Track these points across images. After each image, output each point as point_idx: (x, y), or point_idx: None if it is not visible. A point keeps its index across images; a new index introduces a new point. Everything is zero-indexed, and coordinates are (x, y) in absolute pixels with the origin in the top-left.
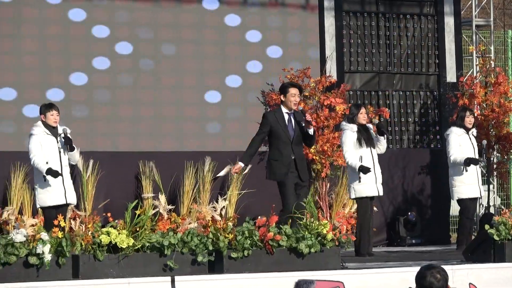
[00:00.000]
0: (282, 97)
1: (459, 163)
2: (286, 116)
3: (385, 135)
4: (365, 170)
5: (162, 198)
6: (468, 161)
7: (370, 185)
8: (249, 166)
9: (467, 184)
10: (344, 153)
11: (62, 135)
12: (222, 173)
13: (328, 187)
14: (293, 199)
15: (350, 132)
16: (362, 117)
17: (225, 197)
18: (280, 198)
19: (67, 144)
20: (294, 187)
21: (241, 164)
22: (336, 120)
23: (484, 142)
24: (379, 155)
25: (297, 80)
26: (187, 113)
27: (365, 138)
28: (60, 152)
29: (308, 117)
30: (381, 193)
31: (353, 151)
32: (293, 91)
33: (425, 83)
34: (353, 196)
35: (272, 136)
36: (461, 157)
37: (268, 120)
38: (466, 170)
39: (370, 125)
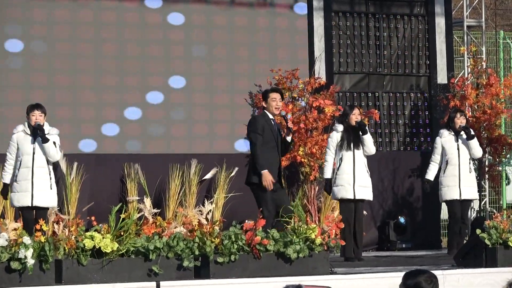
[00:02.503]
0: (264, 103)
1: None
2: (271, 122)
3: (366, 132)
4: (326, 187)
5: (148, 201)
6: (426, 181)
7: (346, 187)
8: (236, 168)
9: (449, 186)
10: (325, 152)
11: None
12: (208, 176)
13: (316, 190)
14: (273, 208)
15: (335, 133)
16: (354, 117)
17: (211, 200)
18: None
19: (38, 135)
20: (274, 193)
21: (267, 172)
22: (325, 122)
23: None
24: (369, 157)
25: (285, 82)
26: (174, 115)
27: (348, 139)
28: (34, 153)
29: (290, 124)
30: (359, 197)
31: (332, 153)
32: (274, 95)
33: (415, 85)
34: (332, 197)
35: (263, 141)
36: (430, 170)
37: (260, 123)
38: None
39: None
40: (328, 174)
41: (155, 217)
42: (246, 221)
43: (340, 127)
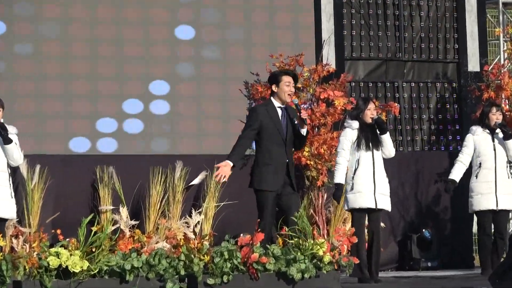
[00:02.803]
0: (274, 87)
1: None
2: (279, 111)
3: (385, 131)
4: (337, 192)
5: (124, 211)
6: (449, 182)
7: (366, 195)
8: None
9: (482, 194)
10: (336, 153)
11: None
12: (196, 181)
13: (325, 198)
14: (271, 217)
15: (349, 131)
16: (370, 113)
17: (200, 210)
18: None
19: (0, 135)
20: (281, 198)
21: (229, 164)
22: (334, 117)
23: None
24: (386, 160)
25: (287, 69)
26: (154, 108)
27: (366, 138)
28: None
29: (304, 114)
30: (381, 206)
31: (346, 154)
32: (287, 79)
33: (442, 73)
34: (345, 207)
35: (261, 135)
36: (455, 170)
37: (258, 114)
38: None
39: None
40: (340, 178)
41: (133, 230)
42: (242, 235)
43: (355, 124)
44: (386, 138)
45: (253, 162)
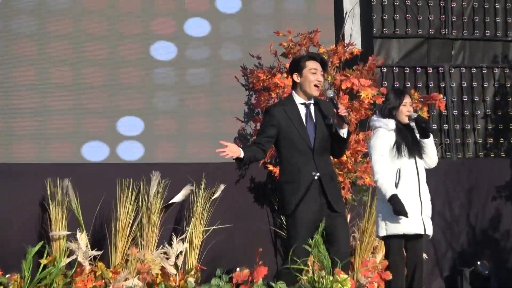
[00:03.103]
0: (295, 77)
1: None
2: (302, 110)
3: (429, 134)
4: (400, 208)
5: (83, 238)
6: None
7: (412, 217)
8: (222, 186)
9: None
10: (372, 164)
11: None
12: (178, 198)
13: (348, 220)
14: (303, 242)
15: (384, 132)
16: (406, 109)
17: (183, 236)
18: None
19: None
20: (316, 223)
21: (240, 151)
22: (360, 114)
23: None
24: (427, 170)
25: (297, 50)
26: (122, 102)
27: (408, 142)
28: None
29: (342, 110)
30: (430, 232)
31: (386, 162)
32: (313, 65)
33: (502, 55)
34: (383, 232)
35: (281, 144)
36: None
37: (275, 117)
38: None
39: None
40: (391, 188)
41: (95, 263)
42: (238, 269)
43: (391, 123)
44: (430, 143)
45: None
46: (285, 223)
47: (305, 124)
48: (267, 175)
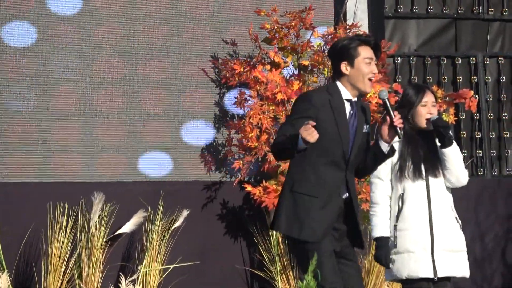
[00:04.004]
0: (344, 68)
1: None
2: (347, 108)
3: (450, 141)
4: (380, 256)
5: (4, 279)
6: None
7: (416, 256)
8: (186, 212)
9: None
10: (370, 187)
11: None
12: (127, 228)
13: None
14: (337, 278)
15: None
16: (426, 111)
17: (134, 277)
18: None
19: None
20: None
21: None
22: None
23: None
24: (453, 191)
25: (284, 35)
26: (56, 103)
27: (416, 157)
28: None
29: (398, 120)
30: (446, 273)
31: (385, 186)
32: (367, 52)
33: None
34: (388, 276)
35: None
36: None
37: (315, 107)
38: None
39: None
40: (381, 228)
41: None
42: None
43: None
44: (452, 154)
45: (283, 186)
46: (289, 249)
47: (349, 126)
48: (244, 198)
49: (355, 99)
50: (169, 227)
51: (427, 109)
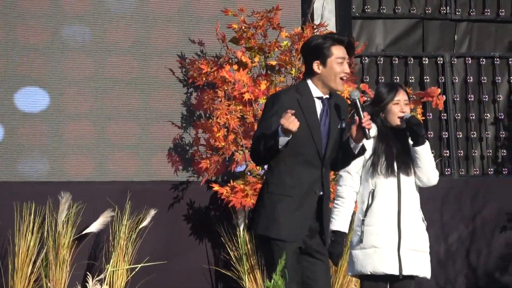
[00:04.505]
0: (316, 67)
1: None
2: (318, 106)
3: (422, 139)
4: (332, 246)
5: None
6: None
7: (382, 252)
8: (153, 211)
9: None
10: (337, 179)
11: None
12: (95, 227)
13: None
14: (296, 278)
15: None
16: (398, 110)
17: (101, 276)
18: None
19: None
20: (302, 261)
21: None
22: None
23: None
24: (424, 191)
25: (252, 35)
26: (24, 102)
27: (389, 154)
28: None
29: (367, 121)
30: (410, 271)
31: (352, 181)
32: (340, 52)
33: None
34: (350, 271)
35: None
36: None
37: (285, 107)
38: None
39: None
40: (340, 222)
41: None
42: None
43: (371, 129)
44: (425, 153)
45: (260, 190)
46: (255, 245)
47: (320, 124)
48: (211, 198)
49: (327, 96)
50: (136, 227)
51: (400, 107)
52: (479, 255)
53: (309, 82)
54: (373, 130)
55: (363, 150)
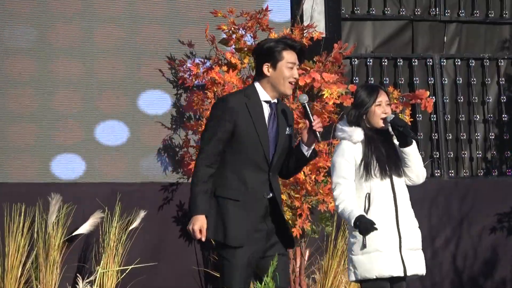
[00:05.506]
0: (266, 69)
1: None
2: (266, 110)
3: (409, 140)
4: (366, 226)
5: None
6: None
7: (387, 255)
8: (143, 212)
9: None
10: (333, 188)
11: None
12: (85, 229)
13: (307, 257)
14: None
15: (348, 147)
16: (381, 111)
17: (91, 278)
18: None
19: None
20: (260, 260)
21: (202, 218)
22: (324, 119)
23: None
24: (411, 189)
25: (241, 36)
26: (9, 108)
27: (380, 156)
28: None
29: (317, 124)
30: (414, 270)
31: (349, 187)
32: (291, 57)
33: (510, 43)
34: (352, 276)
35: (232, 149)
36: None
37: (232, 111)
38: None
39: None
40: (355, 211)
41: None
42: None
43: (357, 133)
44: (414, 152)
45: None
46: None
47: (268, 128)
48: None
49: (275, 100)
50: (126, 228)
51: (382, 108)
52: (467, 257)
53: (258, 85)
54: (360, 134)
55: (315, 154)
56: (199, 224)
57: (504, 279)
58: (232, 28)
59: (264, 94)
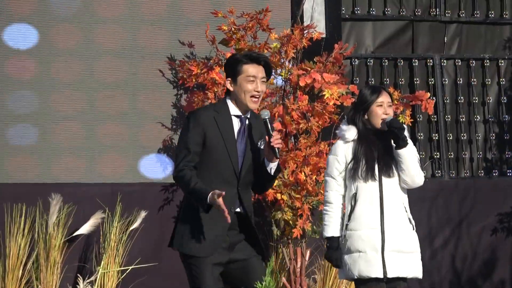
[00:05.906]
0: (228, 84)
1: None
2: (236, 124)
3: (404, 142)
4: (329, 253)
5: None
6: None
7: (367, 256)
8: (144, 213)
9: None
10: (325, 187)
11: None
12: (85, 229)
13: (307, 258)
14: None
15: (340, 146)
16: (381, 112)
17: (92, 278)
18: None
19: None
20: (229, 269)
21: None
22: (324, 119)
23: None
24: (411, 192)
25: (241, 37)
26: (8, 108)
27: (369, 158)
28: None
29: (276, 140)
30: (396, 273)
31: (338, 185)
32: (251, 70)
33: (510, 43)
34: (341, 275)
35: (201, 162)
36: None
37: (203, 125)
38: None
39: None
40: (332, 228)
41: None
42: None
43: (350, 132)
44: (407, 155)
45: (181, 202)
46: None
47: (237, 142)
48: None
49: (247, 115)
50: (127, 229)
51: (383, 109)
52: (468, 257)
53: (228, 100)
54: (353, 133)
55: (278, 170)
56: (219, 200)
57: (504, 280)
58: (233, 28)
59: (234, 108)
